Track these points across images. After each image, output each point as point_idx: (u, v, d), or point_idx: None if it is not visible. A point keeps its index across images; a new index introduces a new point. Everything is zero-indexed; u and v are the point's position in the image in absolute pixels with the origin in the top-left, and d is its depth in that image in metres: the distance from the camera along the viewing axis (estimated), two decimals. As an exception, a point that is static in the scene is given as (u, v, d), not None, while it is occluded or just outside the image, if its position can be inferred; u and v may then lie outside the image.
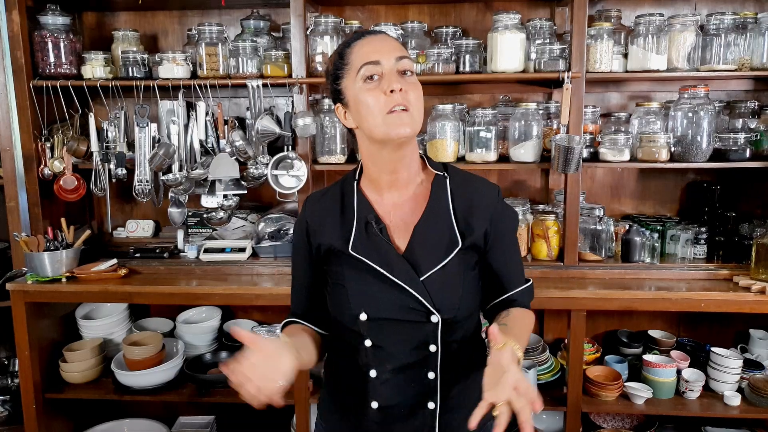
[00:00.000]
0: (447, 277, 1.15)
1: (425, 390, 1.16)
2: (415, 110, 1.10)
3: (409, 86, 1.10)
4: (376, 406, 1.17)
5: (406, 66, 1.11)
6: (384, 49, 1.11)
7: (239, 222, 2.54)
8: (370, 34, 1.16)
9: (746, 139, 2.18)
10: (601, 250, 2.33)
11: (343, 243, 1.16)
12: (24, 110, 2.29)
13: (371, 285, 1.14)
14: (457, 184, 1.21)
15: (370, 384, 1.17)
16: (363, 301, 1.14)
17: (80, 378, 2.33)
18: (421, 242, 1.16)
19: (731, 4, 2.39)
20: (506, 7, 2.41)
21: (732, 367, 2.19)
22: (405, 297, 1.12)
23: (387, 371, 1.16)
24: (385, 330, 1.14)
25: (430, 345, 1.14)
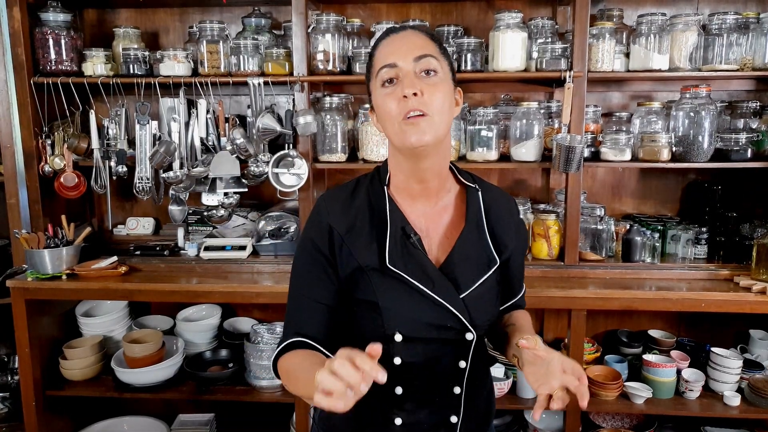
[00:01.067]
0: (484, 294, 1.11)
1: (450, 404, 1.13)
2: (436, 114, 1.02)
3: (429, 88, 1.01)
4: (400, 422, 1.11)
5: (426, 66, 1.03)
6: (402, 49, 1.03)
7: (240, 220, 2.54)
8: (394, 32, 1.08)
9: (748, 140, 2.18)
10: (601, 249, 2.33)
11: (377, 256, 1.06)
12: (25, 107, 2.29)
13: (407, 302, 1.06)
14: (488, 198, 1.17)
15: (395, 401, 1.11)
16: (398, 320, 1.06)
17: (80, 375, 2.33)
18: (461, 258, 1.10)
19: (733, 4, 2.39)
20: (508, 5, 2.41)
21: (732, 368, 2.19)
22: (443, 315, 1.06)
23: (414, 388, 1.10)
24: (418, 348, 1.08)
25: (460, 361, 1.11)
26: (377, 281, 1.06)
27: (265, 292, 2.18)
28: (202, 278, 2.28)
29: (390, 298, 1.06)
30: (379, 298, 1.06)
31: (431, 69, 1.03)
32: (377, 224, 1.09)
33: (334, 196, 1.14)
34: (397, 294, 1.06)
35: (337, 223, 1.09)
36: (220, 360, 2.43)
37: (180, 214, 2.46)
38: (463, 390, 1.13)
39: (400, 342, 1.06)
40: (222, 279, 2.26)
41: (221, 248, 2.39)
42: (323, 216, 1.11)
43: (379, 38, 1.10)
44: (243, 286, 2.20)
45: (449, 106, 1.06)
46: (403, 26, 1.10)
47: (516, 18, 2.15)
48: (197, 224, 2.57)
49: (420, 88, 1.01)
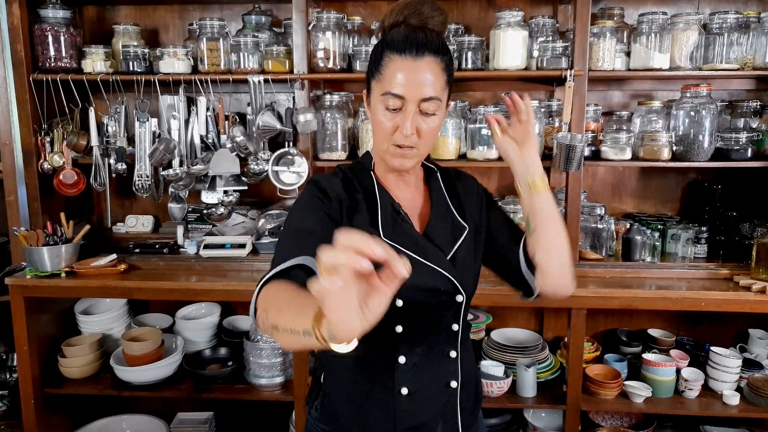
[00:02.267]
0: (465, 258, 1.19)
1: (449, 369, 1.19)
2: (423, 146, 1.11)
3: (426, 125, 1.08)
4: (406, 392, 1.15)
5: (429, 108, 1.07)
6: (415, 86, 1.05)
7: (239, 218, 2.53)
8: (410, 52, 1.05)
9: (748, 139, 2.18)
10: (601, 248, 2.33)
11: (372, 230, 1.13)
12: (24, 104, 2.28)
13: None
14: (445, 177, 1.27)
15: (399, 371, 1.15)
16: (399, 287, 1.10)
17: (79, 373, 2.32)
18: (435, 229, 1.19)
19: (734, 4, 2.39)
20: (509, 4, 2.40)
21: (731, 367, 2.19)
22: (436, 279, 1.14)
23: (416, 356, 1.16)
24: (418, 314, 1.15)
25: (453, 324, 1.18)
26: None
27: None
28: (202, 276, 2.27)
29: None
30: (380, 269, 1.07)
31: (432, 110, 1.08)
32: (368, 203, 1.16)
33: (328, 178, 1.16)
34: None
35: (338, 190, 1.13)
36: (220, 358, 2.43)
37: (179, 211, 2.46)
38: (458, 354, 1.20)
39: (401, 308, 1.11)
40: (221, 277, 2.26)
41: (221, 246, 2.38)
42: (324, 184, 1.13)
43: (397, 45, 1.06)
44: (242, 284, 2.19)
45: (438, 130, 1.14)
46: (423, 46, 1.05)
47: (517, 16, 2.15)
48: (197, 222, 2.57)
49: (417, 128, 1.08)
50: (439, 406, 1.19)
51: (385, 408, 1.16)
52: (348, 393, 1.21)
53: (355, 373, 1.20)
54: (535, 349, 2.36)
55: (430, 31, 1.09)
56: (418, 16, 1.09)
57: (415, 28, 1.08)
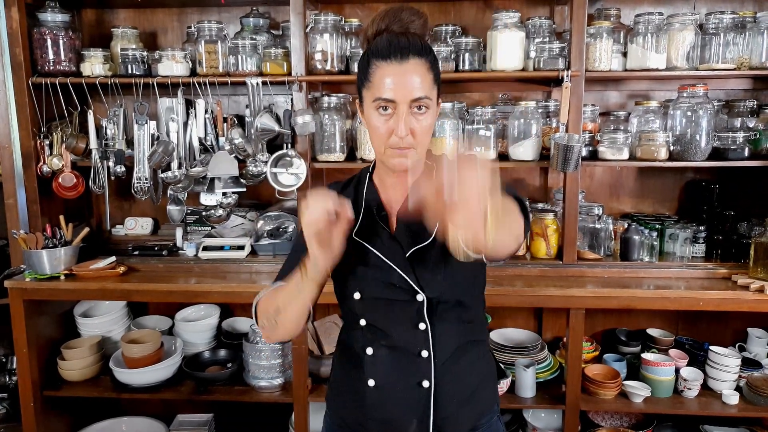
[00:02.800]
0: (430, 257, 1.16)
1: (419, 369, 1.19)
2: (420, 146, 1.12)
3: (419, 124, 1.10)
4: (373, 384, 1.21)
5: (420, 104, 1.09)
6: (404, 88, 1.08)
7: (238, 220, 2.54)
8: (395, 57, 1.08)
9: (745, 138, 2.19)
10: (599, 248, 2.33)
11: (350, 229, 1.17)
12: (23, 107, 2.28)
13: (365, 265, 1.19)
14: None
15: (367, 362, 1.21)
16: (357, 280, 1.19)
17: (78, 376, 2.33)
18: (403, 226, 1.19)
19: (730, 4, 2.40)
20: (506, 5, 2.41)
21: (730, 366, 2.20)
22: (391, 275, 1.17)
23: (381, 348, 1.20)
24: (378, 309, 1.20)
25: (419, 323, 1.18)
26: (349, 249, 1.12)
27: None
28: (201, 278, 2.28)
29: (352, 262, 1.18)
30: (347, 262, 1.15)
31: (423, 106, 1.10)
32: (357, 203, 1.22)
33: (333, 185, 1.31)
34: (360, 259, 1.19)
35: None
36: (219, 360, 2.43)
37: (178, 214, 2.46)
38: (431, 354, 1.18)
39: (359, 300, 1.20)
40: (220, 279, 2.26)
41: (220, 248, 2.39)
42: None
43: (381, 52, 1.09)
44: (241, 285, 2.20)
45: (432, 128, 1.15)
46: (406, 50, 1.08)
47: (514, 17, 2.16)
48: (196, 224, 2.57)
49: (411, 127, 1.10)
50: (410, 404, 1.20)
51: (358, 397, 1.24)
52: (337, 382, 1.33)
53: (340, 364, 1.31)
54: (534, 349, 2.37)
55: (411, 34, 1.12)
56: (399, 23, 1.13)
57: (397, 34, 1.11)
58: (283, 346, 2.28)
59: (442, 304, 1.19)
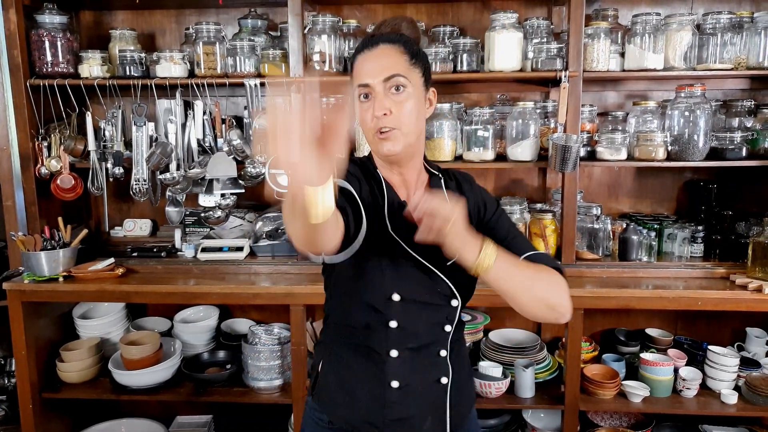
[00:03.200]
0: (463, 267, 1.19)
1: (439, 367, 1.23)
2: (405, 126, 1.14)
3: (397, 105, 1.12)
4: (396, 385, 1.19)
5: (395, 83, 1.13)
6: (375, 70, 1.13)
7: (237, 221, 2.54)
8: (368, 47, 1.16)
9: (742, 138, 2.19)
10: (598, 248, 2.33)
11: (381, 223, 1.17)
12: (21, 109, 2.28)
13: (405, 267, 1.17)
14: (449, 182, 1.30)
15: (389, 364, 1.19)
16: (398, 282, 1.16)
17: (77, 377, 2.32)
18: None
19: (727, 4, 2.40)
20: (504, 6, 2.41)
21: (729, 366, 2.20)
22: (434, 281, 1.18)
23: (407, 351, 1.19)
24: (413, 311, 1.18)
25: (446, 326, 1.22)
26: (381, 244, 1.15)
27: (262, 293, 2.18)
28: (200, 279, 2.27)
29: (392, 262, 1.16)
30: (383, 262, 1.16)
31: (400, 85, 1.13)
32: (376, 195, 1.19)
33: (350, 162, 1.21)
34: (397, 258, 1.17)
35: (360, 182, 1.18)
36: (218, 361, 2.43)
37: (177, 215, 2.46)
38: (448, 352, 1.24)
39: (398, 302, 1.16)
40: (219, 280, 2.26)
41: (218, 249, 2.39)
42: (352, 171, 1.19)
43: (357, 49, 1.19)
44: (240, 287, 2.20)
45: (418, 114, 1.17)
46: (376, 40, 1.16)
47: (511, 18, 2.16)
48: (194, 225, 2.57)
49: (389, 107, 1.12)
50: (428, 401, 1.23)
51: (376, 398, 1.21)
52: (343, 380, 1.26)
53: (351, 362, 1.25)
54: (533, 350, 2.37)
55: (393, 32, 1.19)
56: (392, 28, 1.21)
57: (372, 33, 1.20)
58: (282, 347, 2.28)
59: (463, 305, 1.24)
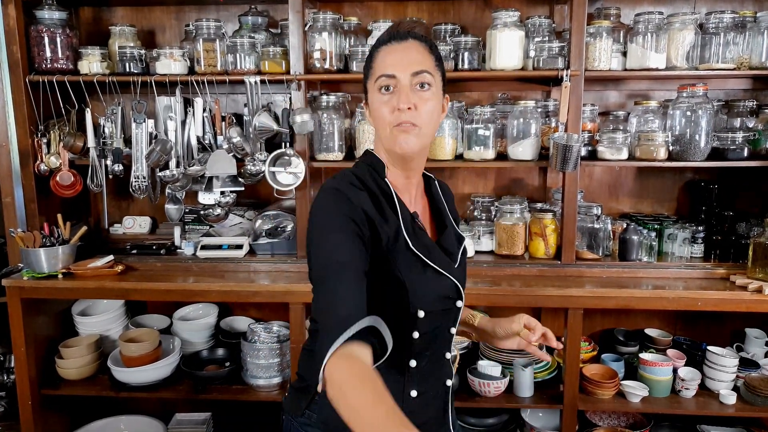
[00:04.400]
0: (464, 266, 1.26)
1: (447, 369, 1.26)
2: (425, 125, 1.12)
3: (422, 102, 1.11)
4: (415, 394, 1.19)
5: (422, 80, 1.11)
6: (403, 62, 1.11)
7: (236, 219, 2.53)
8: (396, 39, 1.14)
9: (744, 138, 2.18)
10: (598, 248, 2.33)
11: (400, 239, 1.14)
12: (20, 105, 2.28)
13: (425, 280, 1.16)
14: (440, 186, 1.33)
15: (409, 374, 1.18)
16: (420, 297, 1.15)
17: (76, 374, 2.32)
18: (447, 237, 1.24)
19: (730, 3, 2.39)
20: (505, 4, 2.40)
21: (728, 366, 2.20)
22: (448, 286, 1.19)
23: (424, 359, 1.19)
24: (431, 322, 1.18)
25: (452, 328, 1.23)
26: (402, 262, 1.13)
27: (261, 291, 2.18)
28: (199, 277, 2.27)
29: (414, 278, 1.14)
30: (405, 278, 1.12)
31: (426, 83, 1.12)
32: (389, 210, 1.15)
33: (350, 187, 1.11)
34: (418, 273, 1.14)
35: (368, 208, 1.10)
36: (217, 359, 2.43)
37: (176, 212, 2.46)
38: (451, 354, 1.27)
39: (422, 318, 1.15)
40: (218, 278, 2.26)
41: (218, 247, 2.39)
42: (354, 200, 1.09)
43: (382, 40, 1.15)
44: (240, 285, 2.19)
45: (437, 116, 1.16)
46: (405, 34, 1.14)
47: (513, 16, 2.15)
48: (194, 223, 2.57)
49: (414, 102, 1.10)
50: (438, 405, 1.25)
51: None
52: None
53: None
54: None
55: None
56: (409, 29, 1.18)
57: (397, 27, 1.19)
58: (281, 345, 2.27)
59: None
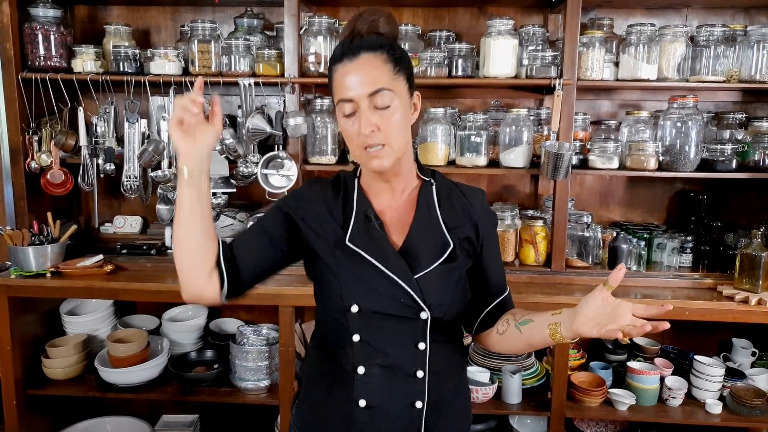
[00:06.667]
0: (439, 277, 1.16)
1: (414, 389, 1.16)
2: (394, 139, 1.11)
3: (385, 120, 1.09)
4: (364, 404, 1.15)
5: (380, 99, 1.08)
6: (358, 84, 1.08)
7: (228, 220, 2.52)
8: (347, 56, 1.09)
9: (733, 150, 2.21)
10: (588, 256, 2.34)
11: (340, 234, 1.16)
12: (12, 102, 2.26)
13: (365, 277, 1.14)
14: (442, 191, 1.24)
15: (358, 381, 1.15)
16: (355, 292, 1.14)
17: (63, 374, 2.30)
18: (416, 242, 1.18)
19: (721, 17, 2.42)
20: (500, 12, 2.42)
21: (714, 376, 2.21)
22: (397, 291, 1.13)
23: (375, 368, 1.15)
24: (375, 324, 1.14)
25: (419, 343, 1.15)
26: (339, 256, 1.15)
27: (251, 293, 2.16)
28: (189, 278, 2.26)
29: (349, 273, 1.14)
30: (340, 273, 1.15)
31: (385, 102, 1.09)
32: (346, 207, 1.19)
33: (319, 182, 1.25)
34: (356, 269, 1.14)
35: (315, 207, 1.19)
36: (206, 361, 2.42)
37: (168, 213, 2.44)
38: (426, 374, 1.17)
39: (357, 314, 1.13)
40: (209, 279, 2.25)
41: (209, 248, 2.37)
42: (307, 193, 1.22)
43: (335, 56, 1.12)
44: (230, 286, 2.18)
45: (406, 123, 1.13)
46: (357, 48, 1.10)
47: (507, 25, 2.17)
48: (185, 224, 2.55)
49: (376, 123, 1.08)
50: (402, 424, 1.17)
51: (345, 418, 1.17)
52: (315, 400, 1.24)
53: (321, 380, 1.22)
54: (521, 356, 2.37)
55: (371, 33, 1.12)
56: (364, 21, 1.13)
57: (351, 38, 1.12)
58: (270, 348, 2.27)
59: (444, 323, 1.18)
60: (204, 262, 1.11)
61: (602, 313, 1.02)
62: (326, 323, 1.22)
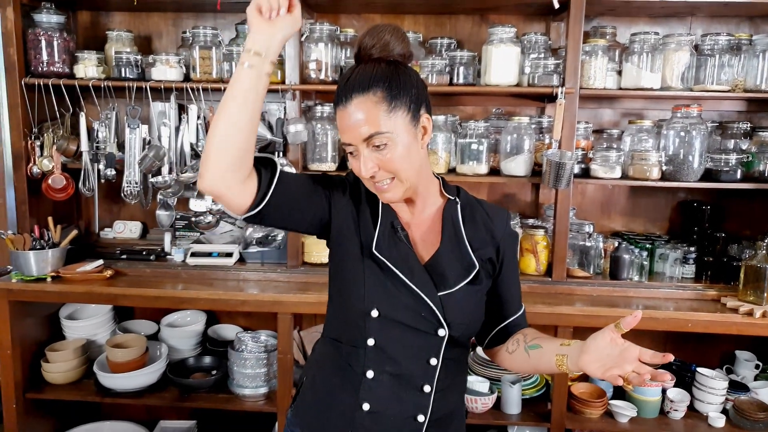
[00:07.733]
0: (463, 298, 1.17)
1: (419, 402, 1.17)
2: (402, 173, 1.11)
3: (386, 159, 1.08)
4: (368, 408, 1.16)
5: (376, 142, 1.07)
6: (353, 129, 1.08)
7: (227, 227, 2.52)
8: (342, 102, 1.09)
9: (737, 160, 2.18)
10: (589, 266, 2.32)
11: (367, 240, 1.16)
12: (15, 108, 2.27)
13: (388, 283, 1.14)
14: (467, 210, 1.23)
15: (365, 384, 1.16)
16: (378, 297, 1.14)
17: (62, 378, 2.31)
18: (443, 260, 1.18)
19: (726, 25, 2.40)
20: (502, 20, 2.41)
21: (717, 388, 2.18)
22: (420, 305, 1.14)
23: (384, 374, 1.16)
24: (392, 332, 1.15)
25: (431, 358, 1.16)
26: (364, 263, 1.15)
27: (250, 300, 2.16)
28: (188, 284, 2.26)
29: (375, 278, 1.15)
30: (365, 277, 1.15)
31: (382, 141, 1.08)
32: (373, 213, 1.19)
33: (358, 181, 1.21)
34: (382, 276, 1.15)
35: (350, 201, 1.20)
36: (204, 367, 2.42)
37: (167, 219, 2.45)
38: (433, 390, 1.17)
39: (376, 319, 1.13)
40: (207, 285, 2.25)
41: (208, 254, 2.38)
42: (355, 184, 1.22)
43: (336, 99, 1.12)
44: (228, 293, 2.18)
45: (411, 153, 1.11)
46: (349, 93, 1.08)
47: (509, 32, 2.15)
48: (184, 230, 2.56)
49: (376, 164, 1.09)
50: None
51: (347, 420, 1.18)
52: (319, 397, 1.24)
53: (331, 378, 1.23)
54: (521, 366, 2.35)
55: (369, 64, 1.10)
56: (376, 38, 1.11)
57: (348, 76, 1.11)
58: (269, 355, 2.26)
59: (458, 342, 1.19)
60: (245, 157, 1.04)
61: (609, 354, 1.03)
62: (342, 321, 1.22)
